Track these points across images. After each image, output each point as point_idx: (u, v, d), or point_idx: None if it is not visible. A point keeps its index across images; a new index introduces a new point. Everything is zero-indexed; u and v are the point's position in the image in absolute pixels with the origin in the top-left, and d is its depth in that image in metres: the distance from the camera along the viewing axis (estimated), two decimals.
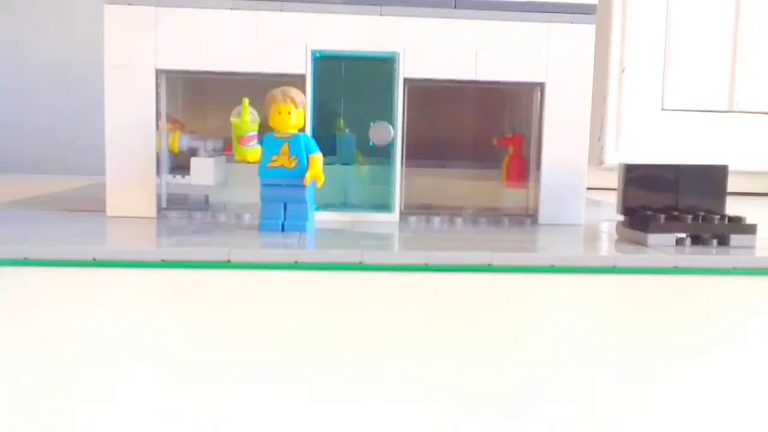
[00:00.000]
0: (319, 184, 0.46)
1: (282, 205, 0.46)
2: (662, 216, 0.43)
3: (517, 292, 0.35)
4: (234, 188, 0.56)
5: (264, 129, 0.46)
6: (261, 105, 0.46)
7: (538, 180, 0.54)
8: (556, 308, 0.32)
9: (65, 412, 0.18)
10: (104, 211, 0.51)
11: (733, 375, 0.23)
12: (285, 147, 0.46)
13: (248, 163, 0.46)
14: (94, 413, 0.18)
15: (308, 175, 0.45)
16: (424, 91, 0.55)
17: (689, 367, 0.23)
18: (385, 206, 0.53)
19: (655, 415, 0.19)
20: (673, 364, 0.23)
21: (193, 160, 0.52)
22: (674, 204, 0.46)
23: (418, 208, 0.55)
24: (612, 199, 0.53)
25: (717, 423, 0.18)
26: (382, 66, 0.53)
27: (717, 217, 0.44)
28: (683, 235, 0.44)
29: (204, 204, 0.55)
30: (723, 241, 0.44)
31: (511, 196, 0.57)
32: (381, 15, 0.52)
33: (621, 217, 0.47)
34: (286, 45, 0.51)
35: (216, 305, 0.30)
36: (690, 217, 0.44)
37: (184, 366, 0.22)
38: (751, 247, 0.43)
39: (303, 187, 0.45)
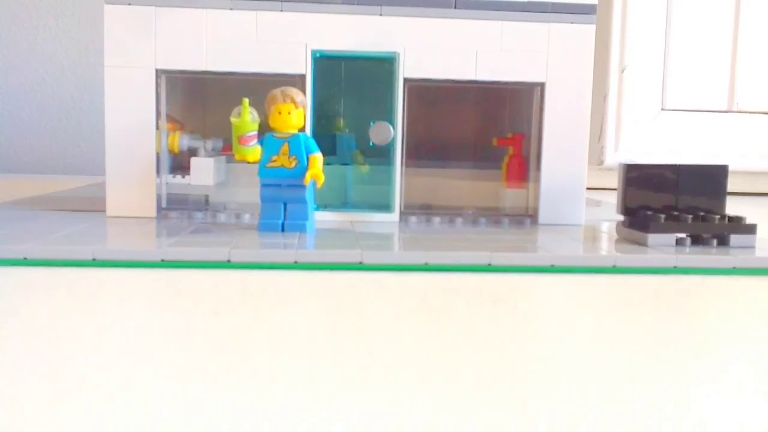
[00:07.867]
0: (319, 184, 0.46)
1: (282, 205, 0.46)
2: (662, 216, 0.43)
3: (517, 292, 0.35)
4: (234, 188, 0.56)
5: (264, 129, 0.46)
6: (261, 105, 0.46)
7: (538, 180, 0.54)
8: (555, 308, 0.32)
9: (65, 411, 0.18)
10: (104, 211, 0.51)
11: (733, 375, 0.23)
12: (285, 147, 0.46)
13: (248, 163, 0.46)
14: (93, 413, 0.18)
15: (308, 175, 0.45)
16: (424, 91, 0.55)
17: (689, 367, 0.23)
18: (385, 206, 0.53)
19: (654, 415, 0.19)
20: (673, 364, 0.23)
21: (193, 160, 0.52)
22: (674, 204, 0.46)
23: (418, 208, 0.55)
24: (612, 199, 0.53)
25: (717, 422, 0.18)
26: (382, 66, 0.53)
27: (717, 217, 0.44)
28: (683, 235, 0.44)
29: (204, 204, 0.55)
30: (723, 241, 0.44)
31: (511, 196, 0.57)
32: (381, 15, 0.51)
33: (621, 217, 0.47)
34: (286, 45, 0.51)
35: (216, 305, 0.30)
36: (690, 217, 0.44)
37: (184, 366, 0.22)
38: (751, 247, 0.43)
39: (303, 187, 0.45)
